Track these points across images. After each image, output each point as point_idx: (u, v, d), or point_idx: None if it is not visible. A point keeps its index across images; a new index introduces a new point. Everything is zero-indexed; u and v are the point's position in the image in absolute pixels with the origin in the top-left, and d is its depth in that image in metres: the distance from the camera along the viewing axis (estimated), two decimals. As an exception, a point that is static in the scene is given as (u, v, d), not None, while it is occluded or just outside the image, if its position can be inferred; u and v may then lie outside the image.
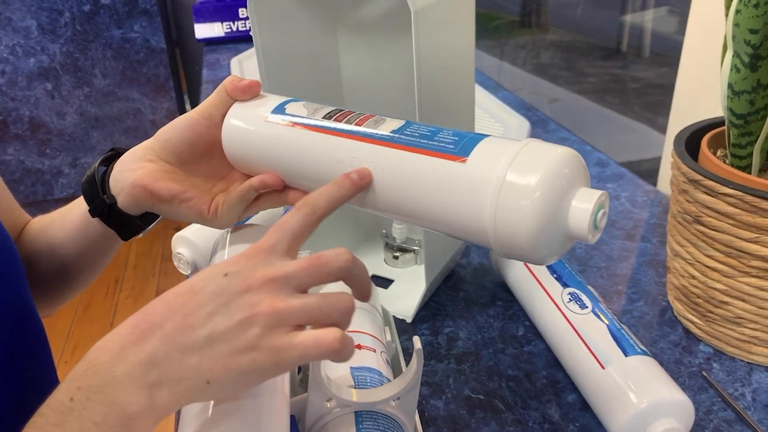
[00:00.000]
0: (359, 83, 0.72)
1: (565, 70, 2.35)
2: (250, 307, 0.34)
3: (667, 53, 1.86)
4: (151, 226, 0.53)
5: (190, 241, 0.70)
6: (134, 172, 0.48)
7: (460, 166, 0.39)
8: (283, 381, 0.43)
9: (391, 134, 0.42)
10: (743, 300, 0.56)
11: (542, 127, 1.16)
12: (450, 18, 0.58)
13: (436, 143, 0.40)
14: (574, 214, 0.36)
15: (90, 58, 2.40)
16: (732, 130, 0.55)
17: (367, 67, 0.71)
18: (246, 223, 0.74)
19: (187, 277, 0.75)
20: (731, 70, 0.53)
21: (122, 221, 0.51)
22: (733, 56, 0.53)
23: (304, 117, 0.46)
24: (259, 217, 0.79)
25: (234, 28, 1.82)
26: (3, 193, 0.57)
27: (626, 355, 0.52)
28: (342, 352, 0.34)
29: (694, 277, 0.59)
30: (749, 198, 0.51)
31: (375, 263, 0.76)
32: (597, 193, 0.36)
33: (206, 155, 0.50)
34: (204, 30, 1.82)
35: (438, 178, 0.39)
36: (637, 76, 2.05)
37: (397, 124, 0.44)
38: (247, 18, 1.81)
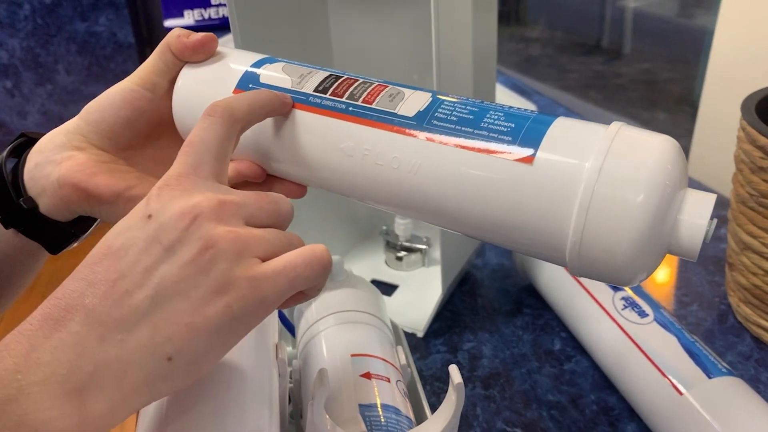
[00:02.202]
0: (354, 53, 0.60)
1: (547, 66, 2.31)
2: (203, 239, 0.26)
3: (648, 49, 1.80)
4: (87, 232, 0.40)
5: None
6: (59, 165, 0.36)
7: (527, 170, 0.28)
8: (270, 425, 0.31)
9: (416, 117, 0.31)
10: (840, 302, 0.45)
11: (550, 112, 1.05)
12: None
13: (485, 132, 0.29)
14: (687, 224, 0.27)
15: (52, 54, 2.25)
16: (825, 90, 0.45)
17: (363, 33, 0.59)
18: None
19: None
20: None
21: (48, 230, 0.38)
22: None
23: (287, 90, 0.34)
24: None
25: (206, 16, 1.70)
26: None
27: (709, 377, 0.40)
28: (329, 266, 0.28)
29: (771, 275, 0.48)
30: None
31: (374, 266, 0.65)
32: (711, 198, 0.28)
33: (152, 136, 0.38)
34: (174, 20, 1.70)
35: (495, 183, 0.28)
36: (618, 71, 2.01)
37: (423, 100, 0.32)
38: (219, 5, 1.69)
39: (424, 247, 0.64)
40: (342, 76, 0.34)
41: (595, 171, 0.26)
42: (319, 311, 0.44)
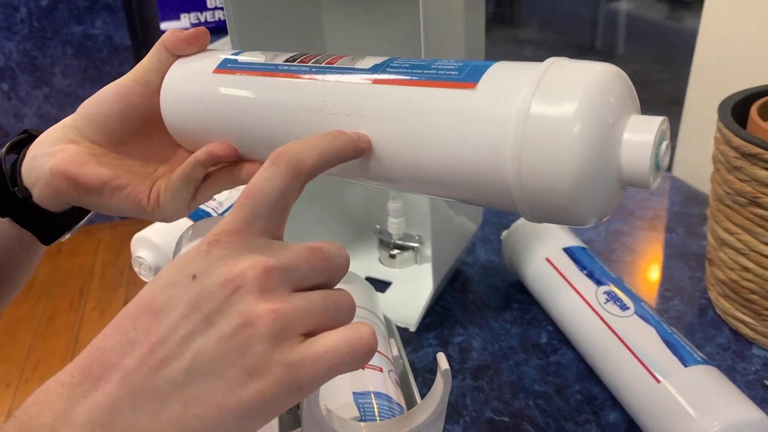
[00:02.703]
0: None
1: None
2: (243, 315, 0.24)
3: (640, 50, 1.83)
4: (78, 225, 0.42)
5: (152, 242, 0.60)
6: (53, 156, 0.37)
7: (468, 94, 0.28)
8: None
9: (373, 68, 0.32)
10: (811, 295, 0.47)
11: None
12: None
13: (434, 72, 0.30)
14: (630, 150, 0.26)
15: (49, 57, 2.26)
16: (795, 94, 0.47)
17: (356, 40, 0.61)
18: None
19: (150, 285, 0.64)
20: (797, 21, 0.44)
21: (40, 220, 0.39)
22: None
23: (260, 64, 0.36)
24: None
25: (202, 20, 1.71)
26: None
27: (685, 366, 0.43)
28: (374, 352, 0.26)
29: (747, 270, 0.51)
30: (826, 172, 0.43)
31: (369, 264, 0.67)
32: (657, 120, 0.26)
33: (144, 132, 0.40)
34: (170, 23, 1.71)
35: (438, 112, 0.28)
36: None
37: (381, 59, 0.33)
38: (215, 8, 1.70)
39: (416, 245, 0.66)
40: (307, 53, 0.36)
41: (529, 94, 0.26)
42: (315, 306, 0.46)
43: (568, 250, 0.55)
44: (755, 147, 0.46)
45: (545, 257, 0.56)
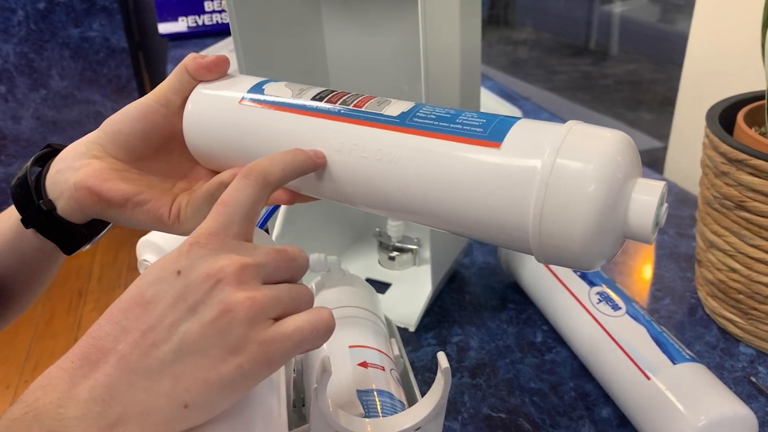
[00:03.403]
0: (348, 66, 0.64)
1: (535, 68, 2.34)
2: (223, 303, 0.28)
3: (634, 50, 1.85)
4: (99, 236, 0.44)
5: (158, 246, 0.61)
6: (77, 171, 0.39)
7: (493, 152, 0.31)
8: (280, 414, 0.35)
9: (400, 116, 0.34)
10: (795, 294, 0.49)
11: (534, 116, 1.10)
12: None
13: (459, 126, 0.33)
14: (636, 209, 0.30)
15: (46, 59, 2.27)
16: (779, 102, 0.49)
17: (356, 46, 0.63)
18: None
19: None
20: (780, 32, 0.46)
21: (63, 231, 0.41)
22: (783, 16, 0.46)
23: (288, 98, 0.38)
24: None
25: (200, 23, 1.72)
26: None
27: (674, 363, 0.45)
28: (332, 331, 0.31)
29: (734, 271, 0.53)
30: (807, 177, 0.45)
31: (369, 265, 0.68)
32: (659, 185, 0.30)
33: (164, 149, 0.42)
34: (168, 25, 1.72)
35: (465, 167, 0.32)
36: (605, 72, 2.06)
37: (407, 105, 0.36)
38: (213, 12, 1.72)
39: (415, 247, 0.67)
40: (335, 90, 0.38)
41: (549, 165, 0.29)
42: (319, 307, 0.47)
43: (562, 252, 0.57)
44: (741, 153, 0.48)
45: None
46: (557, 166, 0.29)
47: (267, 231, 0.57)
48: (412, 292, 0.63)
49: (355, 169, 0.35)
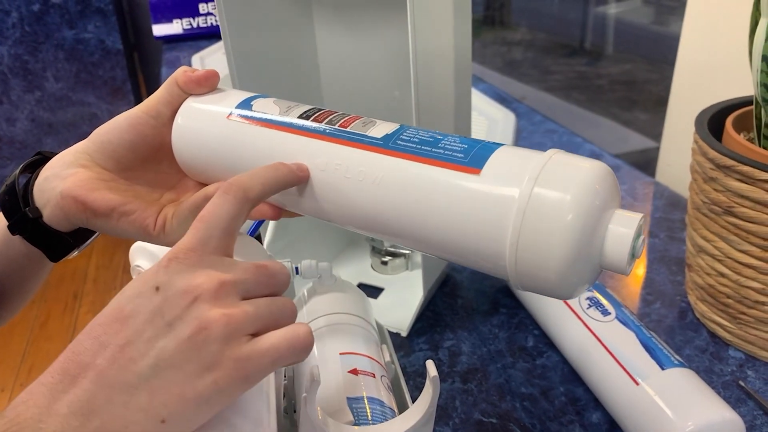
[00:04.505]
0: (339, 70, 0.64)
1: (530, 68, 2.35)
2: (199, 320, 0.28)
3: (629, 50, 1.86)
4: (85, 244, 0.44)
5: (151, 252, 0.61)
6: (64, 180, 0.39)
7: (473, 179, 0.31)
8: (269, 421, 0.35)
9: (383, 138, 0.35)
10: (783, 299, 0.50)
11: (528, 119, 1.10)
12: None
13: (441, 151, 0.33)
14: (612, 241, 0.30)
15: (41, 61, 2.27)
16: (766, 108, 0.49)
17: (348, 51, 0.63)
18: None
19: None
20: (767, 39, 0.47)
21: (49, 239, 0.42)
22: (770, 24, 0.46)
23: (275, 115, 0.38)
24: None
25: (194, 25, 1.72)
26: None
27: (663, 368, 0.45)
28: (311, 348, 0.31)
29: (723, 275, 0.53)
30: (794, 184, 0.45)
31: (361, 270, 0.69)
32: (637, 217, 0.30)
33: (152, 160, 0.42)
34: (162, 27, 1.72)
35: (445, 192, 0.32)
36: (600, 72, 2.06)
37: (391, 127, 0.36)
38: (207, 14, 1.72)
39: (407, 252, 0.68)
40: (322, 109, 0.38)
41: (527, 194, 0.29)
42: (311, 314, 0.48)
43: (553, 257, 0.57)
44: (729, 159, 0.49)
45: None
46: (534, 194, 0.29)
47: (259, 237, 0.57)
48: (404, 297, 0.63)
49: (338, 188, 0.35)
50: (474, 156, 0.32)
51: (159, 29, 1.73)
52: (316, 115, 0.37)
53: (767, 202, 0.47)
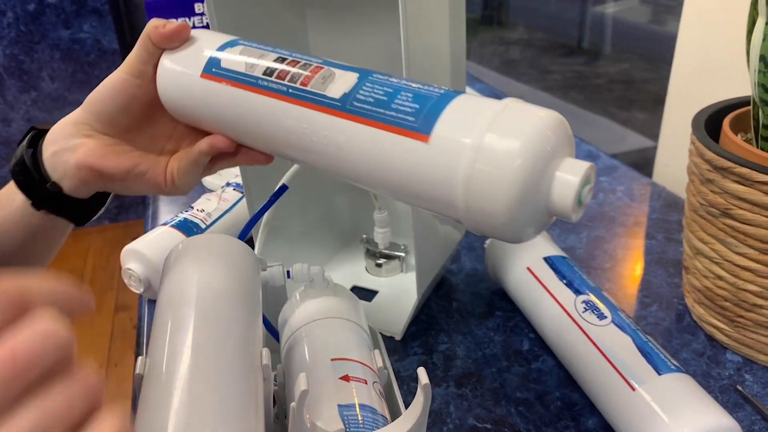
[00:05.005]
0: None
1: (528, 67, 2.34)
2: None
3: (627, 49, 1.85)
4: (104, 206, 0.48)
5: (141, 254, 0.61)
6: (74, 152, 0.42)
7: (420, 147, 0.32)
8: (257, 429, 0.34)
9: (341, 99, 0.36)
10: (781, 302, 0.49)
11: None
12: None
13: (394, 113, 0.34)
14: (558, 187, 0.31)
15: (36, 61, 2.26)
16: (764, 108, 0.49)
17: (341, 52, 0.62)
18: (203, 233, 0.65)
19: (140, 295, 0.65)
20: (765, 39, 0.46)
21: (73, 208, 0.45)
22: (767, 24, 0.46)
23: (242, 74, 0.39)
24: (222, 226, 0.70)
25: (190, 24, 1.72)
26: None
27: (659, 374, 0.44)
28: None
29: (720, 278, 0.52)
30: (792, 186, 0.45)
31: (356, 272, 0.68)
32: (584, 165, 0.31)
33: (146, 117, 0.45)
34: (158, 27, 1.72)
35: (398, 159, 0.33)
36: (598, 72, 2.06)
37: (350, 81, 0.36)
38: (203, 14, 1.71)
39: (402, 254, 0.67)
40: (287, 58, 0.39)
41: (481, 134, 0.30)
42: (303, 318, 0.47)
43: (548, 260, 0.57)
44: (726, 161, 0.48)
45: (526, 266, 0.57)
46: (485, 143, 0.30)
47: (251, 240, 0.57)
48: (399, 300, 0.63)
49: (308, 149, 0.37)
50: (426, 116, 0.33)
51: (154, 29, 1.72)
52: (278, 70, 0.38)
53: (765, 205, 0.46)
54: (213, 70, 0.40)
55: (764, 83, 0.47)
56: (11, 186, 0.45)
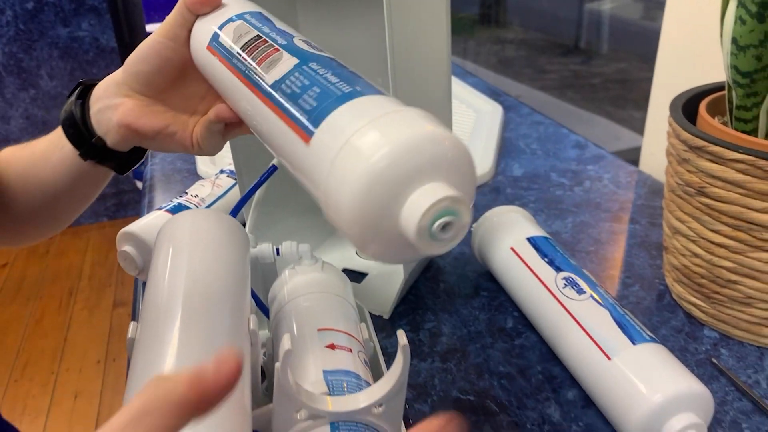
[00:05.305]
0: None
1: (526, 67, 2.36)
2: None
3: (623, 49, 1.87)
4: (142, 159, 0.52)
5: (136, 236, 0.62)
6: (116, 111, 0.46)
7: (303, 147, 0.32)
8: (243, 391, 0.36)
9: (273, 85, 0.36)
10: (754, 278, 0.51)
11: (515, 112, 1.11)
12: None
13: (298, 108, 0.33)
14: (408, 210, 0.27)
15: (35, 59, 2.28)
16: (736, 90, 0.50)
17: (331, 44, 0.64)
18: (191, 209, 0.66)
19: (136, 278, 0.67)
20: (735, 22, 0.48)
21: (117, 160, 0.49)
22: (738, 7, 0.47)
23: (226, 50, 0.41)
24: (221, 205, 0.72)
25: None
26: None
27: (634, 344, 0.46)
28: None
29: (697, 256, 0.54)
30: (761, 163, 0.46)
31: (346, 256, 0.70)
32: (444, 193, 0.27)
33: (180, 78, 0.47)
34: (156, 26, 1.73)
35: (292, 155, 0.34)
36: (595, 71, 2.07)
37: (285, 68, 0.36)
38: (200, 10, 1.73)
39: (391, 237, 0.68)
40: (261, 36, 0.40)
41: (348, 136, 0.29)
42: (291, 293, 0.49)
43: (531, 240, 0.58)
44: (700, 140, 0.50)
45: (510, 247, 0.59)
46: (346, 146, 0.29)
47: (243, 222, 0.58)
48: (387, 281, 0.64)
49: (255, 131, 0.39)
50: (316, 115, 0.32)
51: (152, 27, 1.74)
52: (248, 48, 0.39)
53: (737, 182, 0.48)
54: (213, 43, 0.42)
55: (736, 65, 0.49)
56: (59, 132, 0.49)
